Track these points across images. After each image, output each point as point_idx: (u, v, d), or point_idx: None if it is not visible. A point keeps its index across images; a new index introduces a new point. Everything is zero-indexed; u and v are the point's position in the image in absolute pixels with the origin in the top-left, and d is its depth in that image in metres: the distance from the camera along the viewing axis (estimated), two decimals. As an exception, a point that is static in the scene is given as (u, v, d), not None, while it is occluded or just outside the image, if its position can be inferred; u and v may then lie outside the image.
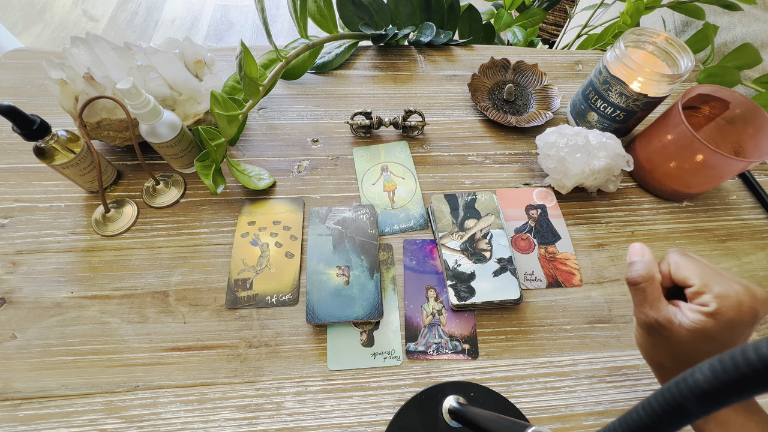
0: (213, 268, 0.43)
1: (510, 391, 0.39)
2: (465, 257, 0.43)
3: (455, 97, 0.59)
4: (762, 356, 0.10)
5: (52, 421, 0.35)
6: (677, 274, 0.29)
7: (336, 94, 0.58)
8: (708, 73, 0.60)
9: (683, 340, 0.28)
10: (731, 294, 0.27)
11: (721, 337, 0.27)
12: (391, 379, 0.39)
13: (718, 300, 0.27)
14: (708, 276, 0.28)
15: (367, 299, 0.41)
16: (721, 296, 0.27)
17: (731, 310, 0.27)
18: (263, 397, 0.37)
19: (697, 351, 0.28)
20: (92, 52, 0.42)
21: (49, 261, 0.42)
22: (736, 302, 0.27)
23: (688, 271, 0.29)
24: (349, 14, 0.58)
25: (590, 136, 0.47)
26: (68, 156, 0.40)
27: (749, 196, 0.52)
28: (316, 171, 0.51)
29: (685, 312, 0.28)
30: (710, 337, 0.27)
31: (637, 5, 0.65)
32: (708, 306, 0.27)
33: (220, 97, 0.43)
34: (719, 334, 0.27)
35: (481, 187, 0.51)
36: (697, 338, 0.27)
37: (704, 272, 0.28)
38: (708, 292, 0.28)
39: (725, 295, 0.27)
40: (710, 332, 0.27)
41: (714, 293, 0.27)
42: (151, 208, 0.46)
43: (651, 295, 0.29)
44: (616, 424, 0.14)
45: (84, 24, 1.65)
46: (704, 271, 0.28)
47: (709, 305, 0.27)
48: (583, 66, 0.64)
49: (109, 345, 0.39)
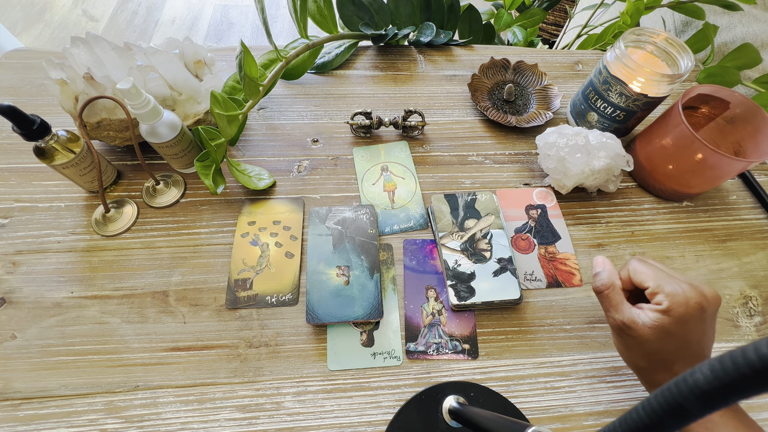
0: (213, 268, 0.43)
1: (510, 391, 0.38)
2: (465, 257, 0.43)
3: (455, 97, 0.59)
4: (762, 356, 0.10)
5: (52, 421, 0.35)
6: (635, 278, 0.34)
7: (336, 94, 0.58)
8: (708, 73, 0.60)
9: (648, 338, 0.31)
10: (679, 292, 0.31)
11: (677, 332, 0.31)
12: (391, 379, 0.39)
13: (669, 298, 0.31)
14: (660, 278, 0.32)
15: (367, 299, 0.41)
16: (671, 294, 0.31)
17: (681, 306, 0.30)
18: (263, 397, 0.37)
19: (662, 348, 0.31)
20: (92, 52, 0.42)
21: (49, 261, 0.42)
22: (683, 299, 0.30)
23: (644, 275, 0.33)
24: (349, 14, 0.58)
25: (590, 136, 0.47)
26: (68, 156, 0.40)
27: (749, 196, 0.52)
28: (316, 171, 0.51)
29: (646, 312, 0.32)
30: (668, 332, 0.31)
31: (637, 5, 0.65)
32: (661, 304, 0.31)
33: (220, 97, 0.43)
34: (675, 330, 0.31)
35: (481, 187, 0.51)
36: (658, 335, 0.31)
37: (657, 275, 0.32)
38: (661, 292, 0.32)
39: (674, 293, 0.31)
40: (667, 328, 0.31)
41: (665, 292, 0.31)
42: (151, 208, 0.46)
43: (614, 300, 0.33)
44: (616, 424, 0.14)
45: (84, 24, 1.65)
46: (657, 274, 0.33)
47: (662, 303, 0.31)
48: (583, 66, 0.64)
49: (109, 345, 0.39)
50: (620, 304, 0.33)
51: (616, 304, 0.33)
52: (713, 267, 0.46)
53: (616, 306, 0.33)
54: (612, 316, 0.33)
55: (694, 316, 0.30)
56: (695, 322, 0.31)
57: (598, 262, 0.36)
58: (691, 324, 0.31)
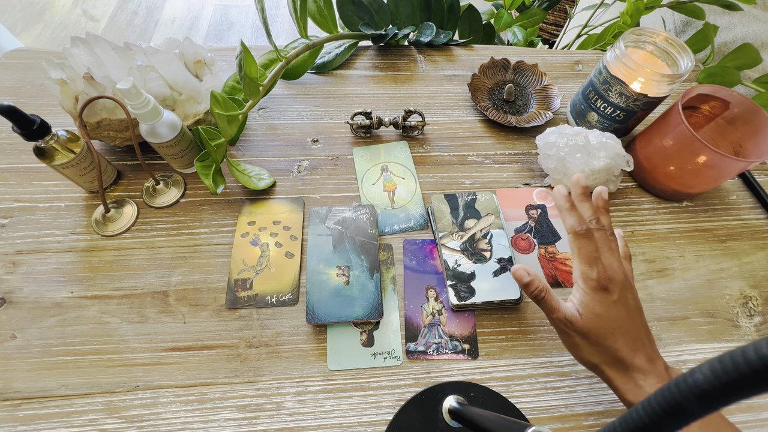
0: (213, 268, 0.43)
1: (510, 391, 0.38)
2: (465, 257, 0.43)
3: (455, 97, 0.59)
4: (762, 356, 0.10)
5: (52, 421, 0.35)
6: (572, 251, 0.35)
7: (336, 94, 0.58)
8: (708, 73, 0.60)
9: (587, 327, 0.32)
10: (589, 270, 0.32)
11: (603, 313, 0.32)
12: (391, 379, 0.39)
13: (582, 276, 0.33)
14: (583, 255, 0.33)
15: (367, 299, 0.41)
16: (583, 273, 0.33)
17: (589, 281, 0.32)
18: (263, 397, 0.37)
19: (600, 333, 0.32)
20: (92, 52, 0.42)
21: (49, 261, 0.42)
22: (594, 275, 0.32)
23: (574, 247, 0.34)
24: (349, 14, 0.58)
25: (590, 136, 0.47)
26: (68, 156, 0.40)
27: (749, 196, 0.52)
28: (316, 171, 0.51)
29: (573, 301, 0.33)
30: (596, 314, 0.32)
31: (637, 5, 0.65)
32: (578, 284, 0.33)
33: (220, 97, 0.43)
34: (600, 310, 0.32)
35: (481, 187, 0.51)
36: (591, 320, 0.32)
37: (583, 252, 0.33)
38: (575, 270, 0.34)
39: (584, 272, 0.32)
40: (592, 308, 0.32)
41: (579, 272, 0.33)
42: (151, 208, 0.46)
43: (552, 301, 0.34)
44: (616, 424, 0.14)
45: (84, 24, 1.65)
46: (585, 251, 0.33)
47: (576, 281, 0.33)
48: (583, 66, 0.64)
49: (109, 345, 0.39)
50: (557, 303, 0.33)
51: (555, 304, 0.33)
52: (713, 267, 0.46)
53: (555, 306, 0.33)
54: (554, 317, 0.33)
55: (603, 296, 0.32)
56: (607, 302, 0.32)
57: (522, 273, 0.34)
58: (605, 302, 0.32)
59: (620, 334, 0.32)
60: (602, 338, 0.32)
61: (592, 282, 0.32)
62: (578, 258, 0.33)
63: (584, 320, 0.32)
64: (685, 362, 0.41)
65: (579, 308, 0.33)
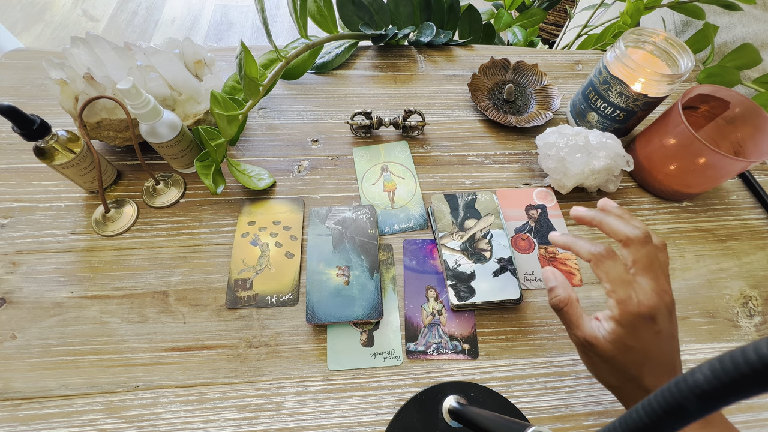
0: (213, 268, 0.43)
1: (510, 391, 0.38)
2: (465, 257, 0.43)
3: (455, 97, 0.59)
4: (762, 356, 0.10)
5: (52, 421, 0.35)
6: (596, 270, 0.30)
7: (336, 94, 0.58)
8: (708, 73, 0.60)
9: (612, 355, 0.28)
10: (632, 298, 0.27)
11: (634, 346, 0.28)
12: (391, 379, 0.39)
13: (620, 306, 0.28)
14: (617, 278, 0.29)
15: (367, 299, 0.41)
16: (622, 302, 0.28)
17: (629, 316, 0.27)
18: (263, 397, 0.37)
19: (626, 363, 0.28)
20: (92, 52, 0.42)
21: (49, 261, 0.42)
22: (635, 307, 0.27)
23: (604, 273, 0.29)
24: (349, 14, 0.58)
25: (590, 136, 0.47)
26: (68, 156, 0.40)
27: (749, 196, 0.52)
28: (316, 171, 0.51)
29: (603, 325, 0.29)
30: (627, 346, 0.28)
31: (637, 5, 0.65)
32: (612, 312, 0.28)
33: (220, 97, 0.43)
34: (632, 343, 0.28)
35: (481, 187, 0.51)
36: (619, 349, 0.28)
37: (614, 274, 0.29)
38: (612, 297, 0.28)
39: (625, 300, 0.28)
40: (624, 340, 0.28)
41: (616, 298, 0.28)
42: (151, 208, 0.46)
43: (574, 316, 0.30)
44: (616, 424, 0.14)
45: (84, 24, 1.65)
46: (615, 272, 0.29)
47: (613, 311, 0.28)
48: (583, 66, 0.64)
49: (109, 345, 0.39)
50: (580, 319, 0.30)
51: (576, 320, 0.30)
52: (713, 267, 0.46)
53: (576, 322, 0.30)
54: (574, 333, 0.30)
55: (645, 326, 0.28)
56: (648, 333, 0.28)
57: (550, 276, 0.32)
58: (643, 335, 0.28)
59: (650, 365, 0.28)
60: (628, 368, 0.28)
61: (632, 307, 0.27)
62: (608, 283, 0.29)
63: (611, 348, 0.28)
64: (685, 362, 0.41)
65: (607, 336, 0.28)
